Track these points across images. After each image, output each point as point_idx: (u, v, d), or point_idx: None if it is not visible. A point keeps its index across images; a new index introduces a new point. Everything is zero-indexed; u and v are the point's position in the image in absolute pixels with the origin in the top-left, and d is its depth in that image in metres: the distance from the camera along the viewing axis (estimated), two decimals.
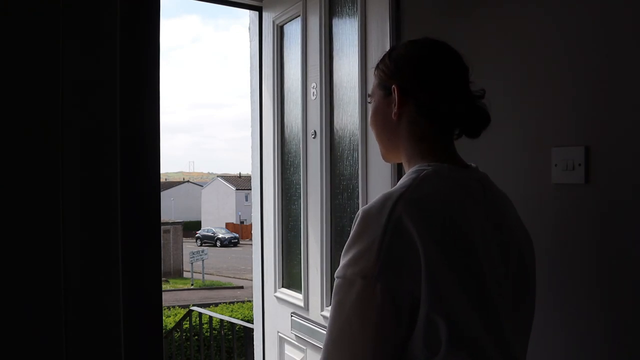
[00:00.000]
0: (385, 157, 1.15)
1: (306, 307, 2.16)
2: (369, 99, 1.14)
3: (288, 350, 2.32)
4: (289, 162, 2.34)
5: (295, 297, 2.24)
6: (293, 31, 2.29)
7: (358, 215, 0.94)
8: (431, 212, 0.92)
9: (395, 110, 1.05)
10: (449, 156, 1.05)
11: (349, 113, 1.97)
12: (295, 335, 2.22)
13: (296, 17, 2.23)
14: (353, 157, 1.95)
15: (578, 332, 1.34)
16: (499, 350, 0.93)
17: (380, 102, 1.09)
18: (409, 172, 1.02)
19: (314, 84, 2.11)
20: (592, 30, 1.30)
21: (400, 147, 1.08)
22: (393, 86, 1.05)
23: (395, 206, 0.90)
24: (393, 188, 0.97)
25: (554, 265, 1.36)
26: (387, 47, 1.75)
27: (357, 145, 1.89)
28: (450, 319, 0.88)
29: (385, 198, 0.93)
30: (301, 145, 2.19)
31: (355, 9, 1.91)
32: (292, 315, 2.24)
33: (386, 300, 0.88)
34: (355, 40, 1.90)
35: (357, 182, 1.89)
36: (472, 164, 1.06)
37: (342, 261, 0.93)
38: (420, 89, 1.04)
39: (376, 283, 0.88)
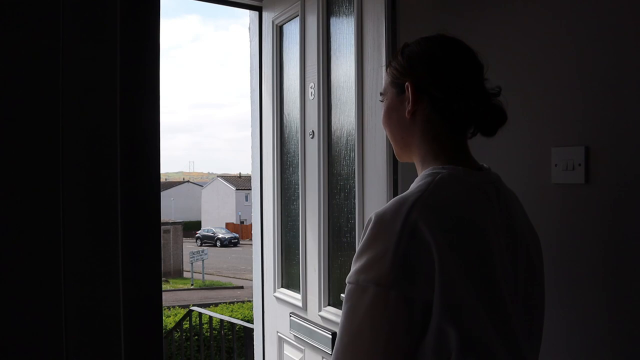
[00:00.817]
0: (399, 157, 1.12)
1: (304, 307, 2.16)
2: (380, 98, 1.11)
3: (287, 350, 2.32)
4: (288, 162, 2.34)
5: (294, 297, 2.24)
6: (292, 31, 2.29)
7: (371, 219, 0.91)
8: (447, 218, 0.89)
9: (409, 108, 1.02)
10: (463, 157, 1.02)
11: (346, 113, 1.97)
12: (294, 335, 2.22)
13: (295, 17, 2.23)
14: (350, 157, 1.95)
15: (579, 332, 1.34)
16: (510, 356, 0.91)
17: (393, 100, 1.06)
18: (422, 175, 0.98)
19: (312, 84, 2.11)
20: (592, 30, 1.30)
21: (414, 146, 1.05)
22: (407, 83, 1.02)
23: (411, 211, 0.87)
24: (407, 192, 0.94)
25: (554, 266, 1.36)
26: (383, 47, 1.75)
27: (354, 146, 1.89)
28: (462, 327, 0.86)
29: (400, 202, 0.89)
30: (299, 145, 2.19)
31: (352, 9, 1.91)
32: (290, 316, 2.24)
33: (400, 308, 0.86)
34: (352, 40, 1.90)
35: (354, 182, 1.89)
36: (485, 165, 1.05)
37: (354, 266, 0.90)
38: (435, 87, 1.00)
39: (390, 290, 0.85)
